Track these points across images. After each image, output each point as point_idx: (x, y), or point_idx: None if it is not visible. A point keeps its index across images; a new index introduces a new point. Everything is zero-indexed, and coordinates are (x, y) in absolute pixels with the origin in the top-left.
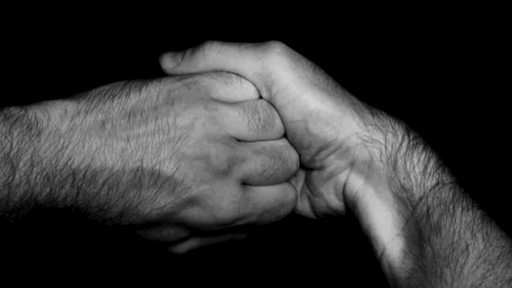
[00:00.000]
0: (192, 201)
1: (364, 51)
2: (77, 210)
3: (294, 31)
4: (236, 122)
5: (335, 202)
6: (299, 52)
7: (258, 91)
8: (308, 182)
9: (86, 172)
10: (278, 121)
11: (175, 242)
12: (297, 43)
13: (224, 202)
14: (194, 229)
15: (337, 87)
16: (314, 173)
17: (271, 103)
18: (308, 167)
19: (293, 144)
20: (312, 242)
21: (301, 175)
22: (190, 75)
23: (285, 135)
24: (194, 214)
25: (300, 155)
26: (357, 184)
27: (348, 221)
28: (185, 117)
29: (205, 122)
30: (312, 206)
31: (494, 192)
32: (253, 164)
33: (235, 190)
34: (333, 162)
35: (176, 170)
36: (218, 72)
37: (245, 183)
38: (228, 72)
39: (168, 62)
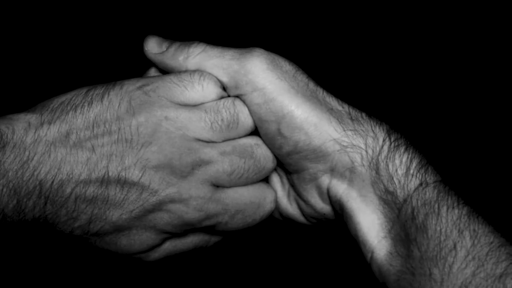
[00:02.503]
0: (160, 204)
1: (355, 51)
2: (46, 220)
3: (286, 32)
4: (199, 125)
5: (321, 206)
6: (291, 51)
7: (228, 89)
8: (292, 185)
9: (53, 182)
10: (243, 119)
11: (148, 250)
12: (287, 43)
13: (191, 203)
14: (165, 232)
15: (317, 91)
16: (295, 176)
17: (243, 100)
18: (286, 168)
19: (265, 143)
20: (307, 245)
21: (286, 177)
22: (151, 81)
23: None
24: (162, 216)
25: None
26: (340, 188)
27: (342, 225)
28: (147, 126)
29: (167, 129)
30: (301, 210)
31: (481, 188)
32: (220, 165)
33: (203, 192)
34: (309, 167)
35: (142, 175)
36: (178, 76)
37: (217, 185)
38: (193, 74)
39: (152, 46)
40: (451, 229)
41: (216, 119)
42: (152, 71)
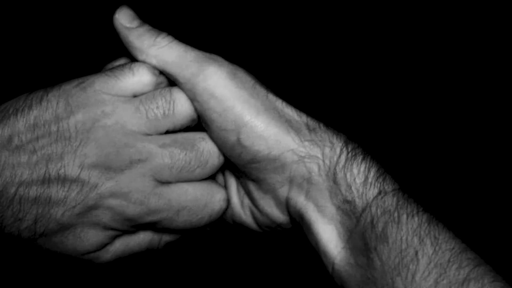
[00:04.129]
0: (100, 198)
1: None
2: None
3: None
4: (135, 116)
5: (278, 215)
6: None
7: (186, 91)
8: (248, 193)
9: None
10: (180, 105)
11: (97, 250)
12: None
13: (131, 197)
14: (111, 229)
15: (276, 102)
16: (252, 185)
17: (200, 109)
18: (243, 177)
19: (222, 151)
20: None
21: (242, 185)
22: (88, 77)
23: (201, 128)
24: (104, 211)
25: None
26: (299, 199)
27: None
28: (85, 122)
29: (104, 123)
30: (254, 218)
31: (440, 195)
32: (160, 158)
33: (143, 185)
34: (267, 177)
35: (81, 171)
36: (111, 69)
37: (161, 181)
38: (123, 66)
39: (124, 17)
40: (412, 236)
41: (151, 106)
42: (122, 61)
